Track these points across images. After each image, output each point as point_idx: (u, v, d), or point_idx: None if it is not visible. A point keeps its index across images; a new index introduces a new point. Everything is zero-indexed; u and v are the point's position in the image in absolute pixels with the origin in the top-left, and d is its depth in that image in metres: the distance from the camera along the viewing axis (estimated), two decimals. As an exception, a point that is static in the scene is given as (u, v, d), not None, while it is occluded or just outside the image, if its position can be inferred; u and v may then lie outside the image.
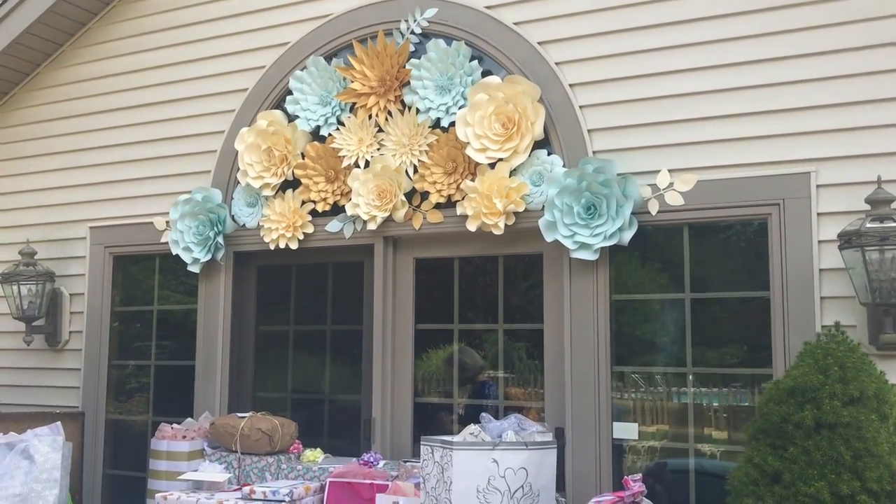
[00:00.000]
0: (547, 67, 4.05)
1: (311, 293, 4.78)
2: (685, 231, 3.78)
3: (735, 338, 3.67)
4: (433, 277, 4.44)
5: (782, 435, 2.50)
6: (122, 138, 5.20)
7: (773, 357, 3.51)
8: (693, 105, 3.75)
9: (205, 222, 4.69)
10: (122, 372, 5.12)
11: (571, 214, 3.82)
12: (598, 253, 3.78)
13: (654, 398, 3.81)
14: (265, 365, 4.82)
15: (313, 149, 4.52)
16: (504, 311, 4.21)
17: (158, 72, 5.12)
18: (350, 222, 4.43)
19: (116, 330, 5.15)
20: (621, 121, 3.88)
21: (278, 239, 4.56)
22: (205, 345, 4.75)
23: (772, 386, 2.66)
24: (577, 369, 3.83)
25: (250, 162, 4.64)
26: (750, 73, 3.65)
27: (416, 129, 4.29)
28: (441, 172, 4.21)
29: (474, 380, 4.38)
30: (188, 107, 5.00)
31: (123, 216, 5.15)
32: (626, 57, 3.90)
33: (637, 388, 3.83)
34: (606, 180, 3.75)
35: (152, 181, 5.08)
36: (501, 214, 3.99)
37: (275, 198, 4.61)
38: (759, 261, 3.62)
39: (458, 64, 4.20)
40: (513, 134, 4.00)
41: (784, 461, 2.44)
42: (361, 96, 4.42)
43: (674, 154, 3.76)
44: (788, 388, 2.55)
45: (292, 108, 4.61)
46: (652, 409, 3.81)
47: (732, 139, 3.66)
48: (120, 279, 5.18)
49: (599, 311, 3.83)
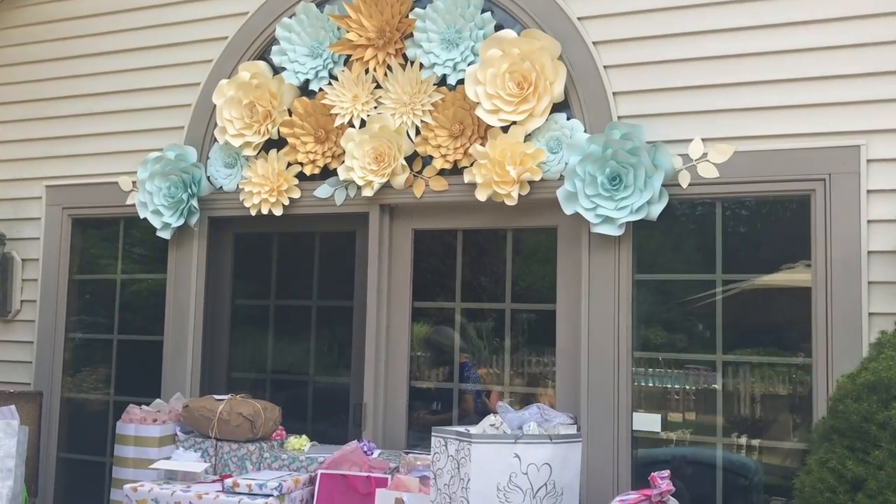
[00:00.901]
0: (568, 23, 3.68)
1: (294, 265, 4.36)
2: (718, 206, 3.46)
3: (771, 324, 3.38)
4: (434, 251, 4.06)
5: (863, 436, 2.20)
6: (84, 88, 4.69)
7: (814, 346, 3.23)
8: (731, 69, 3.41)
9: (177, 183, 4.23)
10: (81, 346, 4.65)
11: (594, 185, 3.48)
12: (623, 228, 3.45)
13: (679, 387, 3.51)
14: (242, 342, 4.40)
15: (301, 105, 4.09)
16: (512, 289, 3.85)
17: (128, 16, 4.62)
18: (342, 187, 4.02)
19: (74, 300, 4.66)
20: (650, 84, 3.54)
21: (260, 204, 4.12)
22: (174, 319, 4.31)
23: (846, 380, 2.36)
24: (595, 354, 3.51)
25: (230, 118, 4.19)
26: (795, 36, 3.33)
27: (418, 86, 3.88)
28: (446, 135, 3.83)
29: (452, 361, 4.03)
30: (161, 55, 4.52)
31: (84, 175, 4.66)
32: (656, 14, 3.54)
33: (661, 375, 3.52)
34: (635, 148, 3.41)
35: (118, 137, 4.59)
36: (515, 183, 3.62)
37: (257, 158, 4.17)
38: (801, 241, 3.32)
39: (467, 15, 3.80)
40: (529, 95, 3.62)
41: (868, 466, 2.15)
42: (357, 48, 4.00)
43: (708, 122, 3.43)
44: (869, 382, 2.25)
45: (278, 59, 4.16)
46: (677, 399, 3.50)
47: (773, 107, 3.35)
48: (79, 244, 4.69)
49: (621, 291, 3.50)
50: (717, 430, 3.41)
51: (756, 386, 3.39)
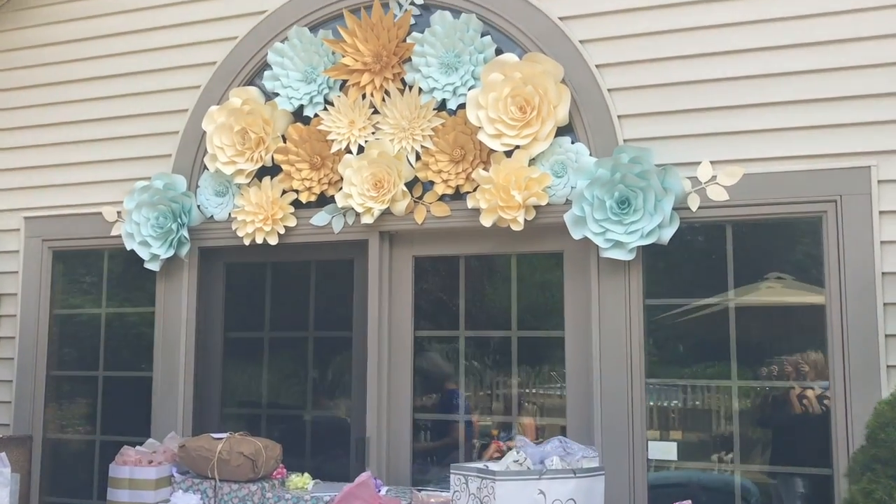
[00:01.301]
0: (569, 45, 3.63)
1: (289, 295, 4.22)
2: (728, 229, 3.42)
3: (786, 347, 3.33)
4: (435, 278, 3.97)
5: (910, 466, 2.15)
6: (66, 115, 4.53)
7: (831, 369, 3.19)
8: (738, 90, 3.39)
9: (166, 213, 4.09)
10: (63, 384, 4.45)
11: (603, 209, 3.42)
12: (634, 253, 3.39)
13: (694, 413, 3.44)
14: (235, 376, 4.24)
15: (296, 131, 3.99)
16: (518, 315, 3.76)
17: (111, 41, 4.48)
18: (340, 215, 3.91)
19: (56, 336, 4.47)
20: (656, 106, 3.50)
21: (254, 233, 4.00)
22: (164, 353, 4.15)
23: (886, 406, 2.32)
24: (608, 382, 3.43)
25: (221, 145, 4.06)
26: (803, 57, 3.32)
27: (418, 111, 3.80)
28: (447, 160, 3.75)
29: (441, 388, 3.93)
30: (146, 81, 4.38)
31: (65, 205, 4.48)
32: (661, 36, 3.52)
33: (675, 401, 3.46)
34: (644, 171, 3.36)
35: (102, 165, 4.43)
36: (521, 208, 3.55)
37: (249, 186, 4.05)
38: (813, 263, 3.29)
39: (466, 39, 3.74)
40: (532, 119, 3.56)
41: (917, 497, 2.10)
42: (354, 73, 3.91)
43: (717, 144, 3.40)
44: (911, 409, 2.20)
45: (271, 84, 4.05)
46: (692, 425, 3.44)
47: (782, 129, 3.33)
48: (60, 278, 4.51)
49: (632, 316, 3.43)
50: (735, 455, 3.35)
51: (773, 410, 3.34)
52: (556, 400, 3.69)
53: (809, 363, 3.30)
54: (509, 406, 3.78)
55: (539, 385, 3.75)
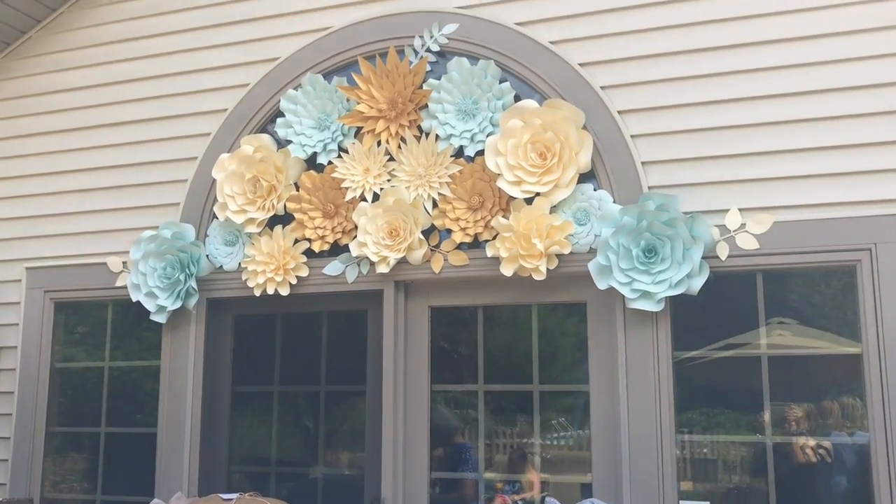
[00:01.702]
0: (591, 92, 3.57)
1: (300, 347, 4.08)
2: (759, 278, 3.32)
3: (822, 400, 3.20)
4: (452, 329, 3.84)
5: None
6: (71, 164, 4.44)
7: (870, 422, 3.06)
8: (766, 136, 3.32)
9: (173, 263, 3.97)
10: (63, 441, 4.28)
11: (629, 258, 3.31)
12: (662, 304, 3.27)
13: (728, 472, 3.29)
14: (243, 432, 4.08)
15: (309, 179, 3.89)
16: (539, 369, 3.63)
17: (118, 88, 4.40)
18: (354, 264, 3.80)
19: (56, 390, 4.31)
20: (681, 153, 3.42)
21: (265, 283, 3.87)
22: (169, 409, 3.99)
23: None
24: (636, 439, 3.29)
25: (231, 193, 3.96)
26: (834, 102, 3.25)
27: (434, 158, 3.72)
28: (465, 208, 3.65)
29: (449, 442, 3.78)
30: (154, 129, 4.30)
31: (68, 255, 4.36)
32: (683, 81, 3.45)
33: (707, 459, 3.31)
34: (671, 219, 3.27)
35: (107, 214, 4.33)
36: (542, 256, 3.44)
37: (261, 235, 3.94)
38: (848, 312, 3.18)
39: (484, 86, 3.68)
40: (553, 166, 3.48)
41: None
42: (369, 120, 3.83)
43: (745, 191, 3.31)
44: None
45: (283, 131, 3.98)
46: (726, 485, 3.29)
47: (814, 175, 3.24)
48: (62, 330, 4.37)
49: (661, 369, 3.31)
50: (772, 516, 3.20)
51: (811, 467, 3.19)
52: (581, 455, 3.53)
53: (846, 414, 3.17)
54: (530, 462, 3.62)
55: (562, 440, 3.60)
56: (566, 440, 3.59)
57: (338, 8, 4.04)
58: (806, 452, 3.20)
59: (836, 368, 3.22)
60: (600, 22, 3.59)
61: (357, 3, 4.01)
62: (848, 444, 3.16)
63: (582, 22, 3.63)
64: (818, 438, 3.19)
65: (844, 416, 3.16)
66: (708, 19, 3.43)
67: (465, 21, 3.79)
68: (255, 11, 4.19)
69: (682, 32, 3.47)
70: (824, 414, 3.19)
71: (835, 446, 3.17)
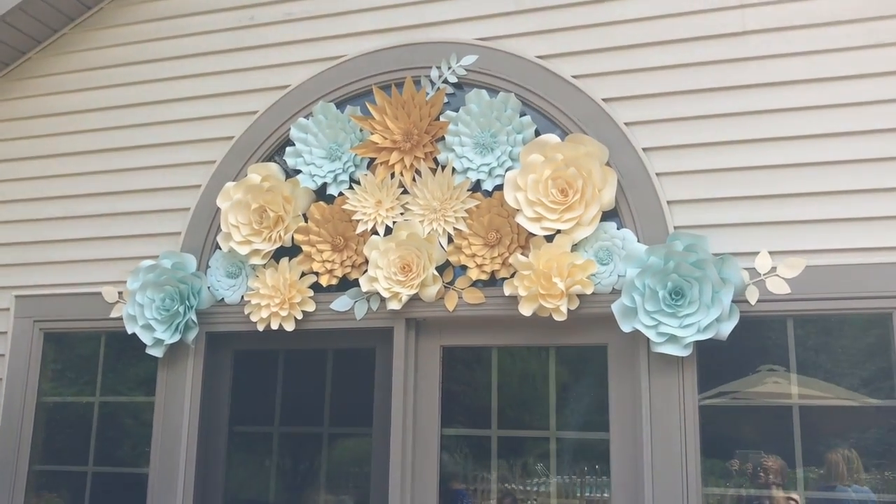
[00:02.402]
0: (614, 128, 3.47)
1: (303, 386, 3.90)
2: (789, 324, 3.19)
3: (858, 454, 3.07)
4: (464, 370, 3.68)
5: None
6: (64, 189, 4.27)
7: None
8: (798, 178, 3.22)
9: (172, 295, 3.79)
10: (48, 481, 4.04)
11: (655, 300, 3.18)
12: (690, 349, 3.14)
13: (758, 528, 3.14)
14: (240, 475, 3.87)
15: (318, 210, 3.75)
16: (557, 415, 3.47)
17: (117, 113, 4.26)
18: (363, 300, 3.64)
19: (42, 426, 4.09)
20: (709, 193, 3.31)
21: (269, 318, 3.70)
22: (163, 448, 3.78)
23: None
24: (661, 491, 3.13)
25: (236, 223, 3.81)
26: (869, 144, 3.16)
27: (450, 191, 3.59)
28: (481, 244, 3.52)
29: (448, 489, 3.60)
30: (156, 155, 4.15)
31: (60, 284, 4.17)
32: (714, 119, 3.35)
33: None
34: (700, 261, 3.15)
35: (102, 242, 4.15)
36: (563, 296, 3.31)
37: (266, 268, 3.78)
38: (882, 361, 3.06)
39: (504, 119, 3.57)
40: (575, 203, 3.36)
41: None
42: (382, 151, 3.71)
43: (776, 233, 3.20)
44: None
45: (293, 160, 3.84)
46: (756, 542, 3.13)
47: (849, 219, 3.14)
48: (51, 362, 4.16)
49: (687, 417, 3.16)
50: (804, 577, 3.04)
51: (846, 525, 3.05)
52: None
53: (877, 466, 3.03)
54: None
55: (579, 491, 3.43)
56: (584, 489, 3.41)
57: (351, 37, 3.93)
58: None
59: (874, 420, 3.09)
60: (625, 57, 3.50)
61: (371, 32, 3.91)
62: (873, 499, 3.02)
63: (606, 57, 3.54)
64: (856, 497, 3.04)
65: (883, 473, 3.03)
66: (737, 57, 3.35)
67: (483, 53, 3.69)
68: (264, 38, 4.08)
69: (710, 70, 3.38)
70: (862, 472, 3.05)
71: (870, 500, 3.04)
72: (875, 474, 3.05)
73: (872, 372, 3.09)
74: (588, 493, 3.41)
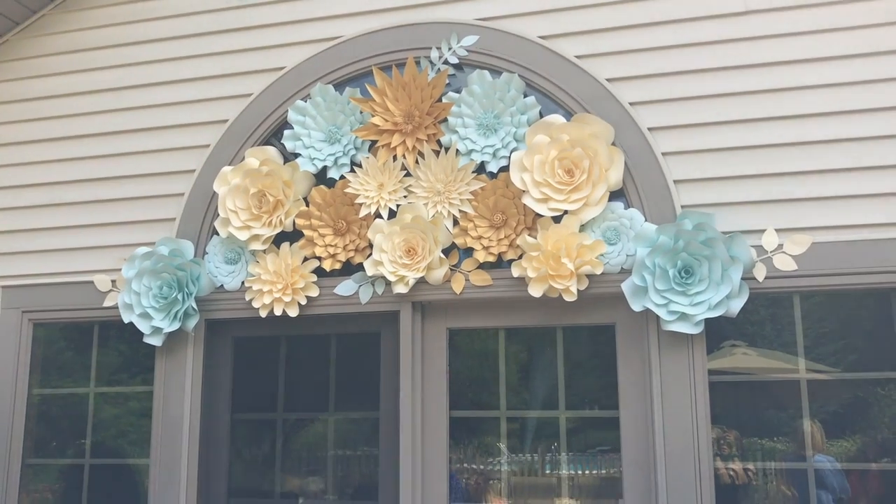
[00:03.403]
0: (619, 108, 3.47)
1: (306, 372, 3.86)
2: (796, 301, 3.25)
3: (865, 427, 3.14)
4: (471, 352, 3.67)
5: None
6: (56, 175, 4.14)
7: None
8: (806, 155, 3.26)
9: (170, 282, 3.72)
10: (42, 474, 3.95)
11: (665, 279, 3.21)
12: (701, 326, 3.17)
13: (768, 500, 3.19)
14: (243, 463, 3.82)
15: (320, 194, 3.70)
16: (566, 394, 3.49)
17: (104, 96, 4.15)
18: (368, 284, 3.61)
19: (34, 419, 3.99)
20: (716, 171, 3.34)
21: (273, 304, 3.65)
22: (164, 439, 3.71)
23: None
24: (673, 468, 3.16)
25: (234, 208, 3.74)
26: (873, 122, 3.21)
27: (454, 174, 3.57)
28: (487, 226, 3.51)
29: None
30: (148, 139, 4.05)
31: (50, 273, 4.06)
32: (719, 99, 3.38)
33: (746, 488, 3.20)
34: (709, 239, 3.18)
35: (94, 230, 4.04)
36: (573, 276, 3.31)
37: (266, 253, 3.72)
38: (890, 336, 3.13)
39: (507, 100, 3.55)
40: (581, 183, 3.37)
41: None
42: (384, 133, 3.67)
43: (782, 211, 3.25)
44: None
45: (291, 144, 3.78)
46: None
47: (853, 196, 3.19)
48: (42, 353, 4.06)
49: (697, 394, 3.20)
50: (814, 547, 3.11)
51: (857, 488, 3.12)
52: (611, 485, 3.39)
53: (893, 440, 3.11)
54: (558, 492, 3.47)
55: (589, 469, 3.46)
56: (595, 467, 3.44)
57: (348, 17, 3.87)
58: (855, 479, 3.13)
59: (878, 393, 3.16)
60: (629, 37, 3.51)
61: (368, 12, 3.85)
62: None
63: (609, 37, 3.54)
64: (862, 465, 3.11)
65: (887, 442, 3.10)
66: (741, 37, 3.37)
67: (485, 34, 3.67)
68: (257, 19, 4.00)
69: (714, 49, 3.40)
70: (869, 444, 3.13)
71: (878, 473, 3.11)
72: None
73: (881, 346, 3.15)
74: (599, 470, 3.44)
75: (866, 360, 3.17)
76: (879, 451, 3.12)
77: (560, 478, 3.47)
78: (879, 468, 3.10)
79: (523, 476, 3.54)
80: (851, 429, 3.16)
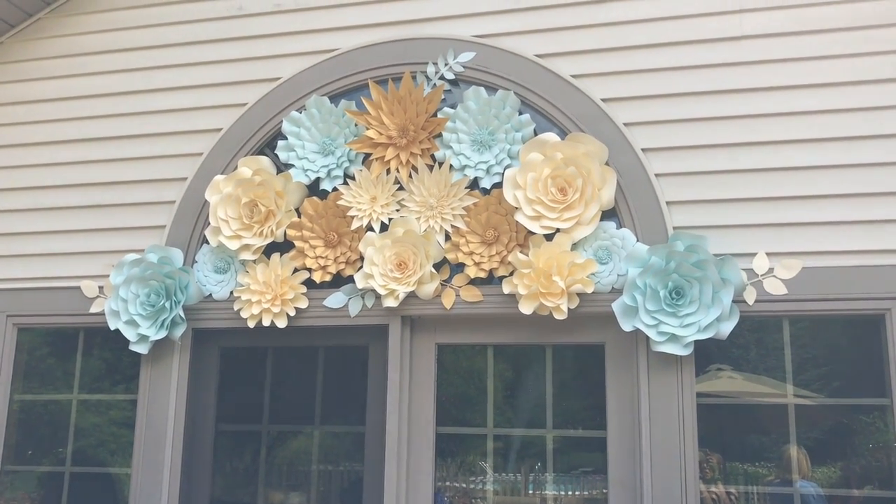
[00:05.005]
0: (613, 128, 3.49)
1: (292, 384, 3.84)
2: (785, 325, 3.25)
3: (850, 453, 3.14)
4: (459, 368, 3.66)
5: None
6: (41, 179, 4.11)
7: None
8: (797, 180, 3.28)
9: (158, 290, 3.69)
10: (21, 482, 3.89)
11: (656, 299, 3.21)
12: (690, 348, 3.17)
13: (755, 524, 3.19)
14: (228, 476, 3.78)
15: (312, 206, 3.69)
16: (553, 413, 3.47)
17: (99, 101, 4.12)
18: (358, 297, 3.59)
19: (14, 425, 3.93)
20: (708, 193, 3.35)
21: (261, 314, 3.63)
22: (147, 448, 3.67)
23: None
24: (660, 490, 3.15)
25: (226, 217, 3.72)
26: (865, 149, 3.24)
27: (447, 189, 3.57)
28: (479, 242, 3.50)
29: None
30: (138, 146, 4.03)
31: (35, 277, 4.02)
32: (713, 122, 3.39)
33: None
34: (700, 261, 3.19)
35: (81, 235, 4.01)
36: (564, 295, 3.31)
37: (256, 263, 3.70)
38: (875, 362, 3.14)
39: (502, 117, 3.56)
40: (574, 202, 3.37)
41: None
42: (378, 147, 3.66)
43: (774, 235, 3.26)
44: None
45: (285, 154, 3.77)
46: (754, 539, 3.18)
47: (844, 221, 3.21)
48: (25, 359, 4.01)
49: (685, 416, 3.19)
50: (799, 573, 3.10)
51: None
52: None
53: (873, 467, 3.11)
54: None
55: (573, 490, 3.44)
56: (580, 488, 3.42)
57: (346, 30, 3.88)
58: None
59: (863, 419, 3.17)
60: (625, 58, 3.53)
61: (366, 25, 3.86)
62: (879, 500, 3.09)
63: (605, 57, 3.56)
64: (844, 491, 3.11)
65: (873, 470, 3.10)
66: (736, 61, 3.40)
67: (481, 50, 3.68)
68: (254, 29, 4.00)
69: (709, 72, 3.43)
70: (855, 467, 3.13)
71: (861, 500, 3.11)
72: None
73: (866, 372, 3.16)
74: (585, 491, 3.42)
75: (850, 387, 3.18)
76: (863, 478, 3.12)
77: (544, 498, 3.45)
78: (861, 495, 3.10)
79: (506, 496, 3.52)
80: (834, 455, 3.16)
